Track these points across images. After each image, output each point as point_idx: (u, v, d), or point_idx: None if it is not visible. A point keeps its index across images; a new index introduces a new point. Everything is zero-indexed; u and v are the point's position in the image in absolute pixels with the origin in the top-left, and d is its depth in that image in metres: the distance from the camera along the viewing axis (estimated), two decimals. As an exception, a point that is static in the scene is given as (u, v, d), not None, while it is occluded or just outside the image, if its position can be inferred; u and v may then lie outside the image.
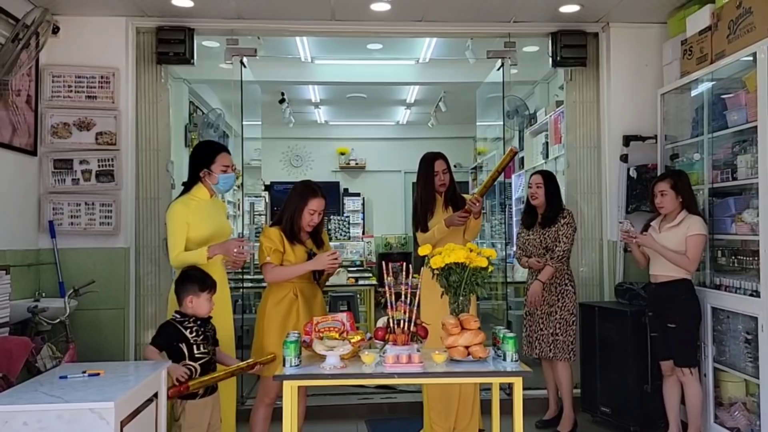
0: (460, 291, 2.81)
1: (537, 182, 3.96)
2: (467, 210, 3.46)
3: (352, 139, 10.72)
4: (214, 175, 3.14)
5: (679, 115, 4.11)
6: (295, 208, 3.19)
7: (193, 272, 2.96)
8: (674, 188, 3.50)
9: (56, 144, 4.16)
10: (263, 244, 3.16)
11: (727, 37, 3.47)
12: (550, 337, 3.87)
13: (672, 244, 3.46)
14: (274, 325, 3.13)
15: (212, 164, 3.14)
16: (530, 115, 6.98)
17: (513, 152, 3.58)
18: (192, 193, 3.15)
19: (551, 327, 3.87)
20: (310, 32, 4.83)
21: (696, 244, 3.42)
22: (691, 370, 3.49)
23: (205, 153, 3.20)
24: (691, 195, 3.55)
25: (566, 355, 3.85)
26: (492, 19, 4.48)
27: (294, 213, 3.19)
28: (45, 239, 4.12)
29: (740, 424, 3.45)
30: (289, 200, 3.25)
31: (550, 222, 3.89)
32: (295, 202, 3.21)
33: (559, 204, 3.98)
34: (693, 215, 3.48)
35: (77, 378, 2.34)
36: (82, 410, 2.01)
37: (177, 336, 2.82)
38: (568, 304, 3.87)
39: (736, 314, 3.46)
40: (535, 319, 3.93)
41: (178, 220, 3.05)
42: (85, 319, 4.03)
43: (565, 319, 3.85)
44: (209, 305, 2.89)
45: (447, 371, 2.56)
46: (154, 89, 4.40)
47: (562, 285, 3.88)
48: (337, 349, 2.57)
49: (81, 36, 4.24)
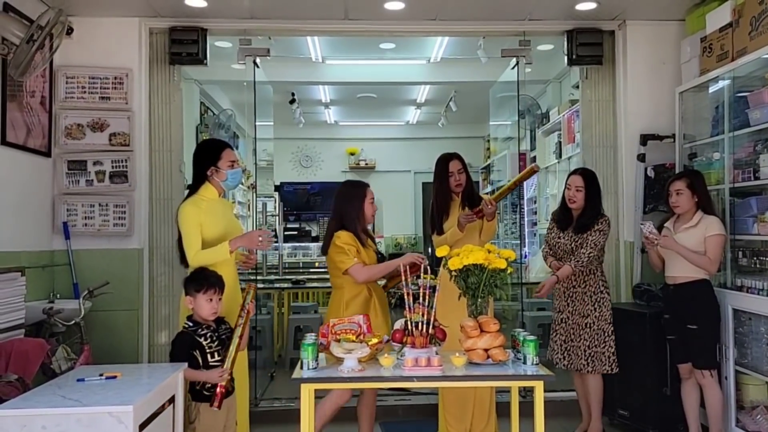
0: (479, 293, 2.78)
1: (577, 185, 3.62)
2: (478, 210, 3.42)
3: (362, 140, 10.70)
4: (222, 171, 3.08)
5: (698, 113, 4.05)
6: (356, 206, 3.27)
7: (193, 273, 2.89)
8: (690, 187, 3.44)
9: (70, 145, 4.15)
10: (344, 249, 3.17)
11: (749, 33, 3.41)
12: (587, 350, 3.61)
13: (690, 246, 3.40)
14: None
15: (219, 161, 3.08)
16: (542, 115, 6.94)
17: (533, 170, 3.56)
18: (200, 193, 3.09)
19: (587, 339, 3.61)
20: (324, 32, 4.81)
21: (716, 244, 3.36)
22: (711, 372, 3.42)
23: (209, 151, 3.15)
24: (707, 195, 3.49)
25: (605, 368, 3.59)
26: (507, 18, 4.44)
27: (358, 211, 3.27)
28: (59, 240, 4.11)
29: (762, 428, 3.39)
30: (343, 202, 3.29)
31: (585, 228, 3.61)
32: (353, 201, 3.29)
33: (598, 209, 3.66)
34: (710, 215, 3.42)
35: (95, 381, 2.32)
36: (101, 414, 2.00)
37: (192, 344, 2.75)
38: (604, 313, 3.62)
39: (759, 316, 3.40)
40: (569, 328, 3.67)
41: (191, 220, 3.00)
42: (98, 320, 4.02)
43: (603, 329, 3.60)
44: (210, 306, 2.77)
45: (467, 374, 2.52)
46: (167, 90, 4.39)
47: (597, 293, 3.63)
48: (355, 352, 2.54)
49: (94, 37, 4.23)
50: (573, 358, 3.66)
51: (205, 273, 2.87)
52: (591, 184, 3.65)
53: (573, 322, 3.67)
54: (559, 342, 3.72)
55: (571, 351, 3.68)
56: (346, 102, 8.77)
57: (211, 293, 2.78)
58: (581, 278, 3.66)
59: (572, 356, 3.67)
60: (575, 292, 3.67)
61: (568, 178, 3.74)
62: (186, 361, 2.73)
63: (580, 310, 3.65)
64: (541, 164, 6.97)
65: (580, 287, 3.66)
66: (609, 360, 3.61)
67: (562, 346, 3.71)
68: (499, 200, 3.56)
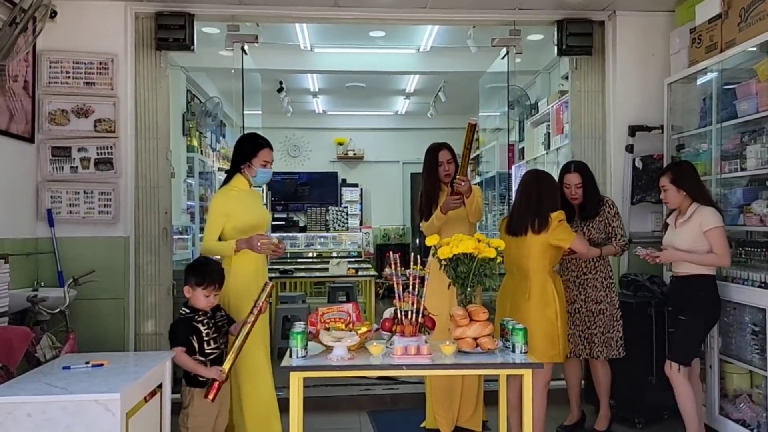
0: (468, 282, 2.78)
1: (576, 183, 3.63)
2: (457, 192, 3.40)
3: (350, 130, 10.65)
4: (254, 168, 3.28)
5: (687, 105, 4.07)
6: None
7: (198, 264, 2.93)
8: (674, 182, 3.36)
9: (54, 131, 4.08)
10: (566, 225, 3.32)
11: (738, 25, 3.43)
12: (602, 336, 3.61)
13: (688, 241, 3.30)
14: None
15: (254, 158, 3.27)
16: (531, 106, 6.93)
17: (471, 125, 3.43)
18: (231, 183, 3.29)
19: (601, 325, 3.61)
20: (313, 19, 4.74)
21: (717, 237, 3.21)
22: (679, 367, 3.26)
23: (248, 146, 3.32)
24: (697, 186, 3.38)
25: (614, 352, 3.62)
26: (497, 7, 4.42)
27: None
28: (43, 228, 4.05)
29: (746, 416, 3.44)
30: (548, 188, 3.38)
31: (593, 215, 3.66)
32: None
33: (598, 196, 3.71)
34: (704, 207, 3.28)
35: (80, 369, 2.30)
36: (88, 402, 1.98)
37: (190, 330, 2.79)
38: (614, 298, 3.65)
39: (743, 306, 3.43)
40: (584, 317, 3.64)
41: (217, 210, 3.21)
42: (84, 308, 3.97)
43: (613, 314, 3.63)
44: (206, 301, 2.85)
45: (455, 363, 2.53)
46: (153, 76, 4.32)
47: (607, 279, 3.65)
48: (345, 340, 2.53)
49: (79, 21, 4.15)
50: (592, 346, 3.65)
51: (208, 268, 2.90)
52: (588, 177, 3.69)
53: (587, 310, 3.65)
54: (577, 333, 3.65)
55: (587, 338, 3.66)
56: (335, 91, 8.72)
57: (210, 289, 2.83)
58: (592, 265, 3.65)
59: (588, 343, 3.66)
60: (587, 279, 3.65)
61: (563, 176, 3.70)
62: (186, 344, 2.75)
63: (593, 297, 3.64)
64: (530, 155, 6.98)
65: (592, 273, 3.65)
66: (617, 344, 3.64)
67: (581, 336, 3.66)
68: (465, 172, 3.45)
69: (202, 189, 7.34)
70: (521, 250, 3.29)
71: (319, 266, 7.26)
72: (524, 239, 3.27)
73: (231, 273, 3.11)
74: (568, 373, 3.85)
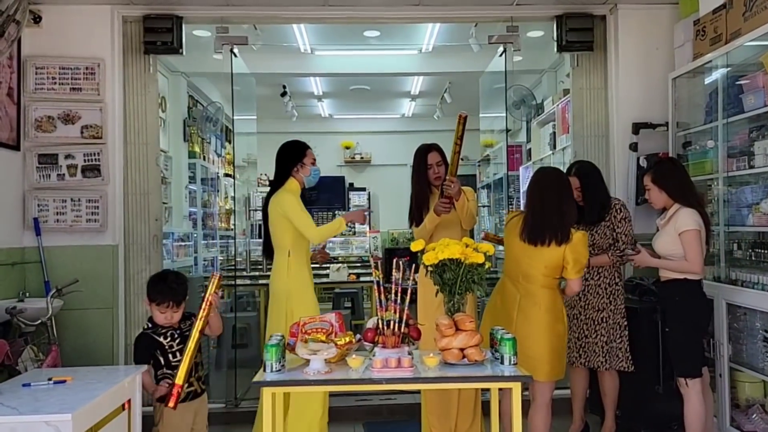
0: (456, 289, 2.64)
1: (575, 187, 3.42)
2: (447, 195, 3.24)
3: (356, 133, 10.57)
4: (307, 167, 3.46)
5: (692, 100, 3.89)
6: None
7: (156, 280, 2.84)
8: (654, 182, 3.18)
9: (40, 138, 4.01)
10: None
11: (743, 14, 3.25)
12: (605, 346, 3.45)
13: (666, 244, 3.13)
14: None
15: (304, 158, 3.46)
16: (537, 105, 6.76)
17: (461, 117, 3.21)
18: (286, 187, 3.42)
19: (604, 334, 3.45)
20: (303, 19, 4.63)
21: (689, 241, 3.02)
22: (687, 381, 3.09)
23: (295, 150, 3.49)
24: (680, 185, 3.16)
25: (622, 364, 3.44)
26: (493, 2, 4.27)
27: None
28: (30, 237, 3.98)
29: (758, 428, 3.25)
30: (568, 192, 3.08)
31: (595, 220, 3.48)
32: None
33: (600, 198, 3.51)
34: (684, 208, 3.09)
35: (41, 386, 2.20)
36: (38, 423, 1.87)
37: (153, 345, 2.71)
38: (619, 306, 3.47)
39: (754, 311, 3.24)
40: (581, 324, 3.51)
41: (298, 205, 3.36)
42: (72, 319, 3.90)
43: (618, 323, 3.46)
44: (163, 318, 2.77)
45: (439, 376, 2.38)
46: (142, 80, 4.24)
47: (612, 285, 3.49)
48: (321, 353, 2.40)
49: (65, 25, 4.08)
50: (590, 355, 3.50)
51: (164, 285, 2.78)
52: (586, 179, 3.51)
53: (586, 317, 3.51)
54: (572, 339, 3.50)
55: (587, 347, 3.51)
56: (340, 94, 8.63)
57: (165, 306, 2.74)
58: (595, 270, 3.49)
59: (589, 353, 3.50)
60: (588, 285, 3.48)
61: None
62: (147, 363, 2.64)
63: (594, 304, 3.49)
64: (536, 156, 6.81)
65: (594, 279, 3.49)
66: (624, 356, 3.46)
67: (577, 343, 3.53)
68: (456, 172, 3.26)
69: (205, 195, 7.27)
70: (533, 260, 2.97)
71: (326, 272, 7.13)
72: (541, 249, 2.95)
73: (290, 275, 3.33)
74: (574, 382, 3.69)
